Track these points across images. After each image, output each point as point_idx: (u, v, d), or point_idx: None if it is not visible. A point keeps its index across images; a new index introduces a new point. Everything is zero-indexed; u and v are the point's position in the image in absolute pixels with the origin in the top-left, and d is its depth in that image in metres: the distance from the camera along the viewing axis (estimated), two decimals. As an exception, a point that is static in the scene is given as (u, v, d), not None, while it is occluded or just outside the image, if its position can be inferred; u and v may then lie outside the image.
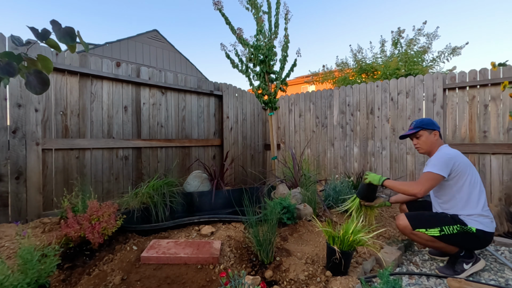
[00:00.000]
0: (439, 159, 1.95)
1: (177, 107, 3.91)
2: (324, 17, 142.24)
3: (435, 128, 2.09)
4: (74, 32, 1.04)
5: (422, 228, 1.92)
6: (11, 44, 2.47)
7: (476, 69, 3.26)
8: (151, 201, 2.71)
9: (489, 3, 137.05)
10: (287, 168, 3.49)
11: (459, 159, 1.93)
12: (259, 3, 3.54)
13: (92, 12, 67.50)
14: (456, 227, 1.87)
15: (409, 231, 1.96)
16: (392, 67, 6.07)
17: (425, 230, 1.91)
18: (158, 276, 1.62)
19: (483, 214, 1.87)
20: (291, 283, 1.63)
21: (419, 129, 2.12)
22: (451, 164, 1.90)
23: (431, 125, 2.09)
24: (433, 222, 1.92)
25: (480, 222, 1.86)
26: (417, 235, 1.94)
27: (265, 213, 2.00)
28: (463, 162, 1.93)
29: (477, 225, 1.85)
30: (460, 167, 1.91)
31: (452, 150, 2.01)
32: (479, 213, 1.87)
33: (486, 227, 1.86)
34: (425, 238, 1.93)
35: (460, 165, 1.91)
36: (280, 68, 3.62)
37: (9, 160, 2.47)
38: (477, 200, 1.89)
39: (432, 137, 2.09)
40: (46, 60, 1.07)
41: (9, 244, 1.91)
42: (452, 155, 1.94)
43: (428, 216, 2.01)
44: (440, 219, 1.94)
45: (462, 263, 1.92)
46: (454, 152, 1.97)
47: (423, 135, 2.11)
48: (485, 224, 1.86)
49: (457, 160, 1.92)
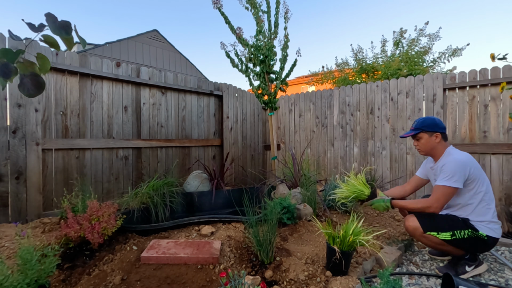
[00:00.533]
0: (454, 169, 1.80)
1: (177, 107, 3.91)
2: (324, 17, 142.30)
3: (437, 130, 1.96)
4: (69, 25, 1.03)
5: (433, 232, 1.85)
6: (12, 44, 2.47)
7: (476, 69, 3.26)
8: (151, 201, 2.71)
9: (489, 3, 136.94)
10: (287, 168, 3.49)
11: (473, 165, 1.84)
12: (259, 3, 3.53)
13: (92, 12, 67.53)
14: (468, 231, 1.81)
15: (419, 233, 1.90)
16: (393, 67, 6.07)
17: (437, 234, 1.85)
18: (158, 276, 1.62)
19: (493, 220, 1.83)
20: (291, 283, 1.63)
21: (419, 131, 2.00)
22: (467, 172, 1.80)
23: (433, 127, 1.97)
24: (445, 226, 1.85)
25: (491, 228, 1.81)
26: (427, 238, 1.88)
27: (265, 213, 2.00)
28: (476, 168, 1.84)
29: (488, 232, 1.80)
30: (475, 173, 1.82)
31: (462, 154, 1.89)
32: (490, 220, 1.82)
33: (496, 234, 1.82)
34: (435, 241, 1.87)
35: (475, 171, 1.83)
36: (280, 68, 3.61)
37: (9, 160, 2.47)
38: (488, 206, 1.84)
39: (433, 140, 1.97)
40: (44, 60, 1.07)
41: (9, 244, 1.90)
42: (465, 161, 1.82)
43: (440, 219, 1.91)
44: (452, 223, 1.86)
45: (465, 265, 1.91)
46: (466, 157, 1.85)
47: (423, 137, 2.00)
48: (495, 231, 1.82)
49: (471, 166, 1.83)
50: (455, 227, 1.83)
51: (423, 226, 1.88)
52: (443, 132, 1.99)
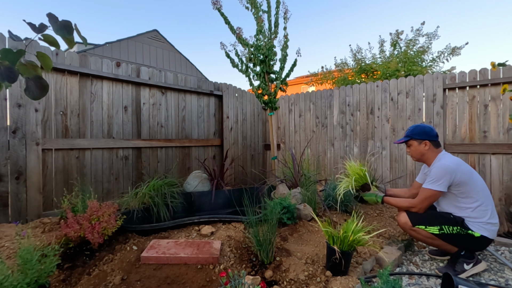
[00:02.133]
0: (438, 173, 1.91)
1: (177, 107, 3.91)
2: (324, 17, 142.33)
3: (426, 138, 2.04)
4: (71, 25, 1.03)
5: (421, 225, 1.95)
6: (12, 43, 2.47)
7: (476, 69, 3.26)
8: (151, 201, 2.71)
9: (489, 3, 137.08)
10: (287, 168, 3.49)
11: (460, 170, 1.89)
12: (259, 2, 3.53)
13: (92, 12, 67.47)
14: (456, 228, 1.87)
15: (408, 227, 2.00)
16: (391, 68, 6.07)
17: (425, 227, 1.94)
18: (158, 276, 1.62)
19: (490, 222, 1.85)
20: (291, 283, 1.63)
21: (408, 138, 2.11)
22: (451, 177, 1.88)
23: (422, 135, 2.05)
24: (433, 220, 1.94)
25: (487, 229, 1.85)
26: (417, 231, 1.97)
27: (265, 213, 2.00)
28: (465, 172, 1.89)
29: (483, 232, 1.84)
30: (463, 178, 1.87)
31: (452, 160, 1.95)
32: (486, 221, 1.85)
33: (490, 235, 1.85)
34: (424, 234, 1.95)
35: (462, 176, 1.88)
36: (280, 68, 3.61)
37: (9, 160, 2.47)
38: (485, 208, 1.87)
39: (422, 147, 2.05)
40: (45, 58, 1.07)
41: (9, 244, 1.90)
42: (451, 167, 1.89)
43: (429, 214, 2.01)
44: (441, 218, 1.94)
45: (463, 263, 1.92)
46: (454, 163, 1.91)
47: (412, 145, 2.10)
48: (490, 232, 1.85)
49: (458, 171, 1.88)
50: (443, 222, 1.91)
51: (412, 220, 1.98)
52: (433, 139, 2.05)
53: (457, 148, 3.34)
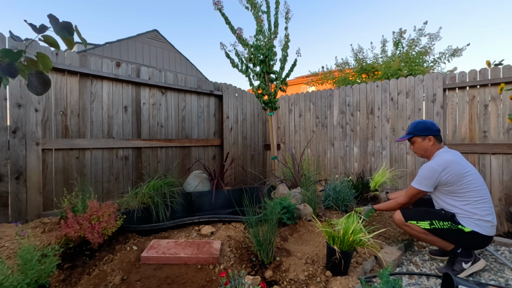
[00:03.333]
0: (423, 174, 1.98)
1: (177, 107, 3.91)
2: (324, 17, 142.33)
3: (429, 134, 2.04)
4: (71, 26, 1.04)
5: (413, 220, 2.00)
6: (12, 43, 2.47)
7: (476, 69, 3.26)
8: (151, 201, 2.71)
9: (490, 3, 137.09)
10: (287, 168, 3.49)
11: (449, 170, 1.89)
12: (259, 3, 3.53)
13: (92, 12, 67.51)
14: (447, 223, 1.90)
15: (402, 223, 2.05)
16: (394, 67, 6.07)
17: (416, 222, 1.99)
18: (158, 276, 1.62)
19: (483, 219, 1.85)
20: (291, 283, 1.63)
21: (411, 135, 2.12)
22: (436, 179, 1.92)
23: (425, 131, 2.05)
24: (424, 216, 1.99)
25: (478, 225, 1.85)
26: (410, 227, 2.02)
27: (265, 213, 2.00)
28: (454, 173, 1.88)
29: (474, 227, 1.85)
30: (450, 178, 1.89)
31: (443, 160, 1.94)
32: (479, 218, 1.85)
33: (484, 231, 1.85)
34: (417, 229, 2.00)
35: (450, 177, 1.89)
36: (280, 68, 3.62)
37: (9, 160, 2.47)
38: (479, 205, 1.87)
39: (426, 143, 2.06)
40: (45, 58, 1.07)
41: (9, 244, 1.90)
42: (437, 169, 1.91)
43: (421, 210, 2.07)
44: (432, 213, 1.99)
45: (461, 262, 1.92)
46: (442, 164, 1.91)
47: (416, 141, 2.11)
48: (483, 228, 1.85)
49: (445, 172, 1.89)
50: (434, 218, 1.96)
51: (404, 216, 2.04)
52: (436, 134, 2.07)
53: (457, 148, 3.33)
